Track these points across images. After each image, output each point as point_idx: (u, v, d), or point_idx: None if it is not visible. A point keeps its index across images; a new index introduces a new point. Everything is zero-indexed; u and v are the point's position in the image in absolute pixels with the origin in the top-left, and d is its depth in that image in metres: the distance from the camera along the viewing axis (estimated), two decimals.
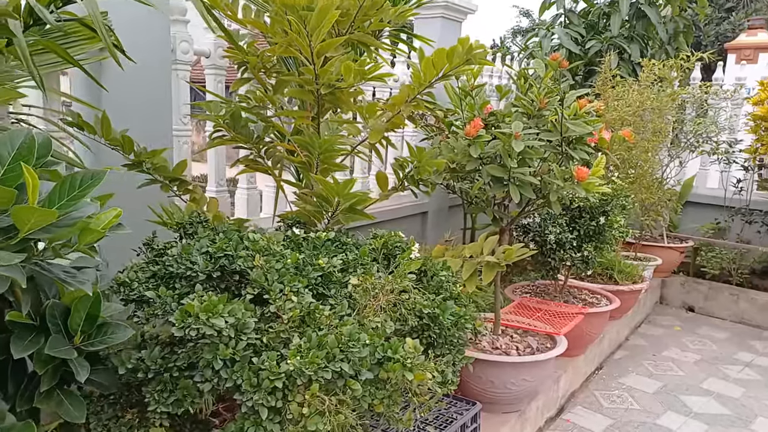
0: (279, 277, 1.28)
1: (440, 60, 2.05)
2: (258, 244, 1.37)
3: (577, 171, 2.21)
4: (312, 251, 1.49)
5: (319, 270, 1.36)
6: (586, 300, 3.62)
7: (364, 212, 1.90)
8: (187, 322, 1.12)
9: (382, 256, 1.68)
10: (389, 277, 1.41)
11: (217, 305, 1.14)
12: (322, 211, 1.89)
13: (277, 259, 1.34)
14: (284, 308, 1.23)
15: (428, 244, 4.76)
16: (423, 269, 1.69)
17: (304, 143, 1.92)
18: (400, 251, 1.66)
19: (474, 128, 2.21)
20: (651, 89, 4.35)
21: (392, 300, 1.39)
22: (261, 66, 2.47)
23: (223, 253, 1.35)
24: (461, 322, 1.54)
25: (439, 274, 1.66)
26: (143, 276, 1.40)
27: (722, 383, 3.77)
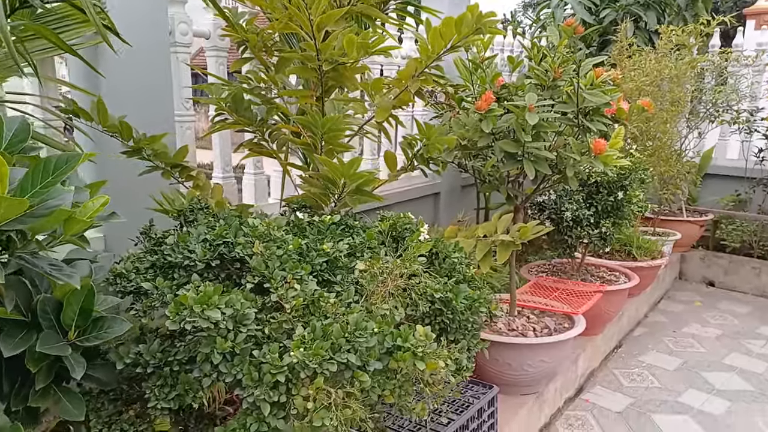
0: (281, 265, 1.21)
1: (448, 30, 1.94)
2: (257, 230, 1.29)
3: (595, 144, 2.10)
4: (317, 236, 1.41)
5: (324, 255, 1.29)
6: (604, 278, 3.53)
7: (372, 194, 1.82)
8: (182, 314, 1.05)
9: (390, 238, 1.60)
10: (398, 261, 1.33)
11: (213, 296, 1.07)
12: (328, 194, 1.81)
13: (279, 245, 1.26)
14: (287, 297, 1.16)
15: (441, 225, 4.69)
16: (434, 251, 1.61)
17: (307, 123, 1.84)
18: (409, 233, 1.57)
19: (485, 102, 2.11)
20: (669, 57, 4.18)
21: (402, 285, 1.31)
22: (261, 45, 2.37)
23: (222, 241, 1.28)
24: (475, 306, 1.46)
25: (452, 256, 1.58)
26: (141, 266, 1.33)
27: (745, 358, 3.67)
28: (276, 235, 1.28)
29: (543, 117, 2.12)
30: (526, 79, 2.33)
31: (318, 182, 1.83)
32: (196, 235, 1.31)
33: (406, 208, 4.35)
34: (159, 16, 2.49)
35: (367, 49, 1.83)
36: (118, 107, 2.11)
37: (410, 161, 2.28)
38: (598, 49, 5.45)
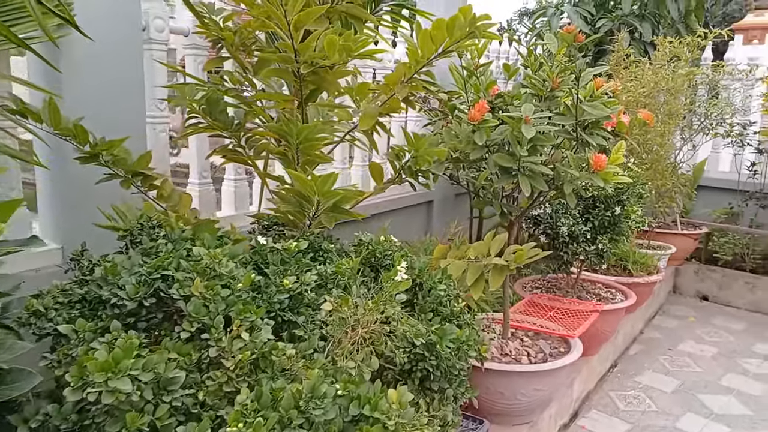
0: (226, 308, 1.02)
1: (439, 33, 1.79)
2: (200, 264, 1.10)
3: (595, 159, 1.95)
4: (279, 266, 1.24)
5: (286, 292, 1.11)
6: (600, 295, 3.38)
7: (350, 212, 1.65)
8: (88, 381, 0.85)
9: (368, 267, 1.43)
10: (370, 302, 1.15)
11: (124, 359, 0.87)
12: (303, 211, 1.64)
13: (225, 283, 1.08)
14: (231, 350, 0.97)
15: (434, 235, 4.54)
16: (418, 282, 1.44)
17: (280, 131, 1.67)
18: (390, 261, 1.41)
19: (479, 112, 1.95)
20: (665, 69, 4.08)
21: (376, 330, 1.14)
22: (239, 43, 2.21)
23: (160, 274, 1.09)
24: (463, 350, 1.30)
25: (437, 288, 1.41)
26: (67, 301, 1.14)
27: (741, 379, 3.55)
28: (222, 271, 1.09)
29: (540, 129, 1.97)
30: (522, 88, 2.18)
31: (292, 198, 1.66)
32: (129, 267, 1.12)
33: (397, 217, 4.19)
34: (130, 10, 2.32)
35: (349, 51, 1.67)
36: (80, 108, 1.94)
37: (398, 173, 2.12)
38: (593, 59, 5.35)
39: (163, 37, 2.69)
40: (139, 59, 2.42)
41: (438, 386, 1.26)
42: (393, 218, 4.15)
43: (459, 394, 1.34)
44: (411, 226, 4.40)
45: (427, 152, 1.97)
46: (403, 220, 4.34)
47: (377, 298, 1.16)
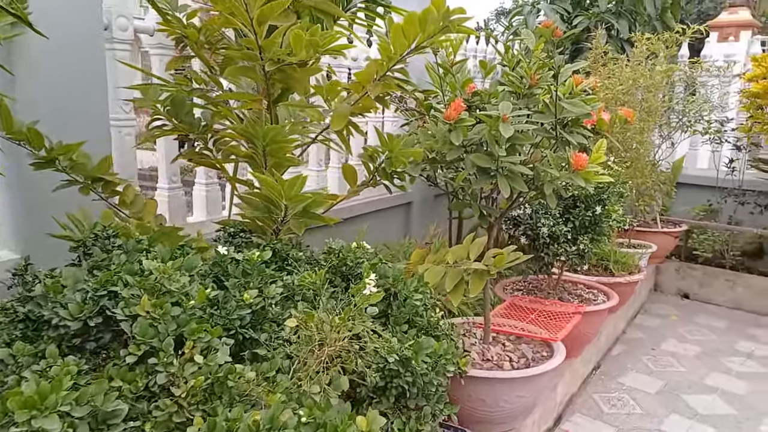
0: (177, 328, 0.93)
1: (412, 28, 1.71)
2: (148, 280, 1.00)
3: (575, 158, 1.88)
4: (241, 278, 1.14)
5: (246, 307, 1.02)
6: (582, 296, 3.33)
7: (322, 216, 1.56)
8: (12, 419, 0.75)
9: (339, 276, 1.33)
10: (337, 319, 1.06)
11: (52, 393, 0.77)
12: (271, 217, 1.55)
13: (177, 299, 0.98)
14: (182, 375, 0.88)
15: (413, 236, 4.46)
16: (392, 292, 1.35)
17: (245, 133, 1.57)
18: (363, 269, 1.31)
19: (455, 110, 1.87)
20: (643, 66, 4.05)
21: (345, 347, 1.05)
22: (204, 42, 2.10)
23: (106, 291, 0.99)
24: (441, 364, 1.21)
25: (413, 298, 1.32)
26: (8, 321, 1.03)
27: (725, 378, 3.52)
28: (172, 288, 0.99)
29: (518, 128, 1.90)
30: (499, 85, 2.11)
31: (259, 203, 1.56)
32: (72, 283, 1.02)
33: (375, 219, 4.10)
34: (91, 9, 2.21)
35: (316, 47, 1.58)
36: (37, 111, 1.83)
37: (372, 175, 2.03)
38: (570, 57, 5.32)
39: (127, 36, 2.58)
40: (101, 59, 2.32)
41: (415, 404, 1.17)
42: (371, 221, 4.06)
43: (438, 411, 1.25)
44: (390, 229, 4.32)
45: (401, 153, 1.88)
46: (382, 223, 4.26)
47: (344, 314, 1.07)
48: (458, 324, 2.80)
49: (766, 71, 4.33)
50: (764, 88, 4.28)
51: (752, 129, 4.70)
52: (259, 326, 1.05)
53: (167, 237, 1.76)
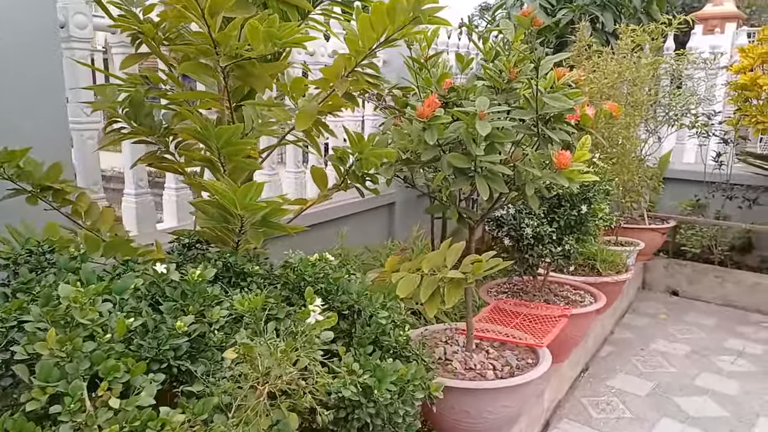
0: (90, 367, 0.80)
1: (380, 18, 1.58)
2: (57, 311, 0.86)
3: (558, 156, 1.77)
4: (180, 301, 1.01)
5: (183, 335, 0.89)
6: (568, 298, 3.22)
7: (284, 225, 1.43)
8: None
9: (297, 293, 1.21)
10: (279, 351, 0.93)
11: None
12: (229, 227, 1.41)
13: (91, 332, 0.85)
14: (92, 425, 0.75)
15: (397, 238, 4.34)
16: (357, 308, 1.23)
17: (197, 134, 1.44)
18: (324, 284, 1.19)
19: (429, 107, 1.75)
20: (629, 59, 3.95)
21: (294, 379, 0.92)
22: (161, 38, 1.96)
23: (17, 321, 0.86)
24: (408, 391, 1.09)
25: (378, 316, 1.20)
26: None
27: (716, 378, 3.44)
28: (82, 320, 0.86)
29: (497, 125, 1.78)
30: (477, 80, 1.99)
31: (215, 212, 1.43)
32: None
33: (356, 221, 3.98)
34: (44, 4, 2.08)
35: (274, 39, 1.45)
36: None
37: (342, 178, 1.90)
38: (555, 51, 5.21)
39: (86, 35, 2.45)
40: (57, 59, 2.19)
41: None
42: (352, 223, 3.93)
43: None
44: (372, 231, 4.19)
45: (372, 154, 1.76)
46: (364, 225, 4.14)
47: (287, 345, 0.93)
48: (440, 331, 2.68)
49: (753, 62, 4.25)
50: (751, 80, 4.20)
51: (740, 122, 4.62)
52: (199, 356, 0.92)
53: (119, 249, 1.63)
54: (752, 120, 4.27)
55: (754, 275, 4.76)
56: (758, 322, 4.36)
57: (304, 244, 3.67)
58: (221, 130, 1.40)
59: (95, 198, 2.53)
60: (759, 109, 4.22)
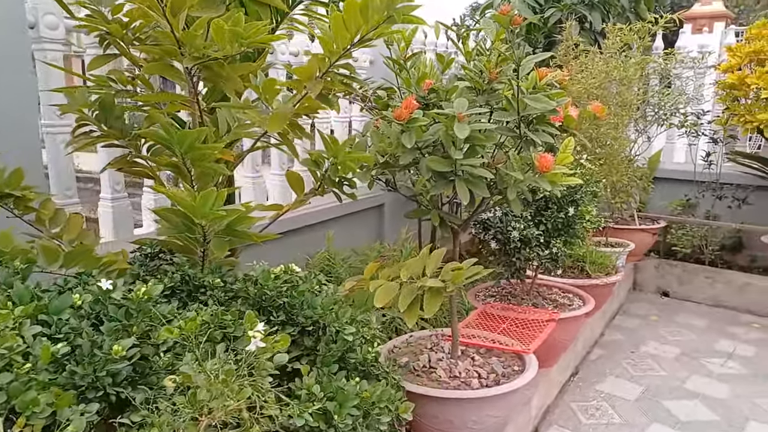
0: (7, 401, 0.73)
1: (353, 17, 1.51)
2: None
3: (540, 159, 1.71)
4: (124, 320, 0.94)
5: (124, 359, 0.82)
6: (557, 301, 3.17)
7: (251, 234, 1.36)
8: None
9: (258, 309, 1.14)
10: (218, 383, 0.85)
11: None
12: (194, 236, 1.34)
13: (9, 360, 0.78)
14: None
15: (386, 240, 4.28)
16: (321, 324, 1.16)
17: (158, 138, 1.37)
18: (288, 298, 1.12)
19: (406, 109, 1.69)
20: (617, 58, 3.90)
21: (242, 409, 0.85)
22: (131, 38, 1.89)
23: None
24: (374, 415, 1.02)
25: (345, 332, 1.13)
26: None
27: (706, 381, 3.39)
28: (1, 350, 0.78)
29: (478, 128, 1.72)
30: (458, 81, 1.93)
31: (179, 221, 1.36)
32: None
33: (345, 223, 3.91)
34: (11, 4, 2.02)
35: (240, 38, 1.38)
36: None
37: (319, 183, 1.84)
38: (544, 50, 5.16)
39: (57, 35, 2.38)
40: (25, 61, 2.12)
41: None
42: (340, 225, 3.87)
43: None
44: (360, 233, 4.13)
45: (348, 158, 1.69)
46: (352, 227, 4.07)
47: (227, 374, 0.86)
48: (426, 337, 2.62)
49: (740, 61, 4.22)
50: (739, 79, 4.17)
51: (729, 121, 4.59)
52: (143, 382, 0.85)
53: (80, 259, 1.56)
54: (741, 119, 4.24)
55: (744, 275, 4.73)
56: (748, 322, 4.33)
57: (290, 248, 3.62)
58: (183, 134, 1.33)
59: (69, 203, 2.47)
60: (747, 108, 4.19)
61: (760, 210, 4.98)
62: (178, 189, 1.28)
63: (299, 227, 3.61)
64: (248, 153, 1.98)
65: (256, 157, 3.45)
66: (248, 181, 3.48)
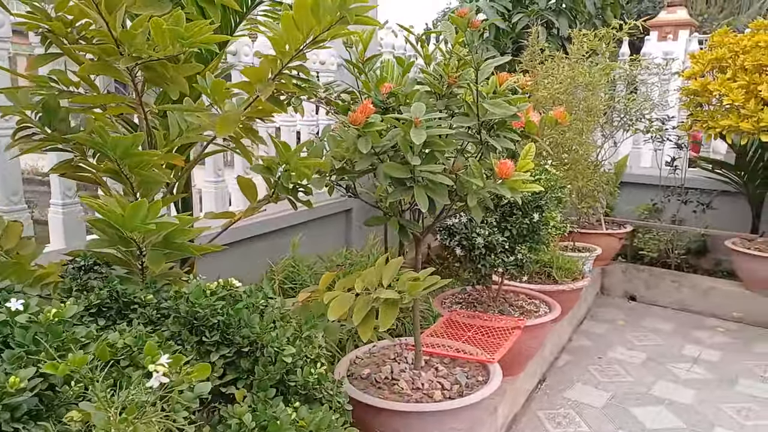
0: None
1: (304, 17, 1.45)
2: None
3: (500, 166, 1.67)
4: (32, 345, 0.85)
5: (15, 394, 0.74)
6: (523, 308, 3.14)
7: (191, 246, 1.28)
8: None
9: (188, 329, 1.06)
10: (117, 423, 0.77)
11: None
12: (129, 250, 1.26)
13: None
14: None
15: (353, 246, 4.22)
16: (259, 344, 1.09)
17: (91, 143, 1.28)
18: (223, 316, 1.04)
19: (362, 113, 1.63)
20: (582, 64, 3.91)
21: None
22: (75, 36, 1.79)
23: None
24: None
25: (284, 353, 1.06)
26: None
27: (672, 387, 3.40)
28: None
29: (435, 133, 1.66)
30: (417, 85, 1.88)
31: (113, 233, 1.27)
32: None
33: (312, 228, 3.83)
34: None
35: (181, 37, 1.30)
36: None
37: (273, 190, 1.76)
38: (513, 56, 5.17)
39: (4, 33, 2.27)
40: None
41: None
42: (307, 230, 3.78)
43: None
44: (327, 239, 4.05)
45: (302, 164, 1.62)
46: (319, 232, 4.00)
47: (128, 413, 0.77)
48: (389, 347, 2.56)
49: (703, 68, 4.28)
50: (702, 86, 4.23)
51: (692, 127, 4.65)
52: (50, 414, 0.77)
53: (11, 272, 1.45)
54: (704, 125, 4.29)
55: (708, 279, 4.79)
56: (713, 326, 4.38)
57: (255, 255, 3.51)
58: (116, 139, 1.24)
59: (16, 209, 2.35)
60: (710, 115, 4.25)
61: (723, 214, 5.07)
62: (114, 197, 1.19)
63: (264, 233, 3.52)
64: (197, 160, 1.89)
65: (218, 161, 3.35)
66: (210, 185, 3.37)
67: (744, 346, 3.99)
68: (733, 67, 4.08)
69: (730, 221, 5.03)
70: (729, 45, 4.18)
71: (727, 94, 3.96)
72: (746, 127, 3.88)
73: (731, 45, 4.17)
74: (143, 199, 1.10)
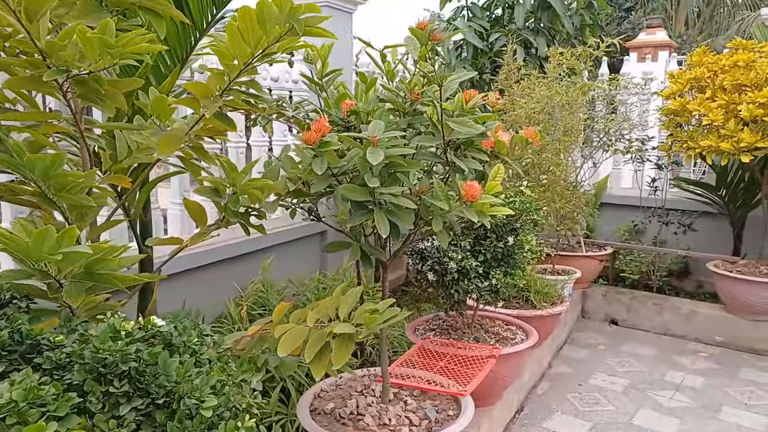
0: None
1: (250, 28, 1.34)
2: None
3: (466, 188, 1.56)
4: None
5: None
6: (499, 334, 3.02)
7: (118, 276, 1.14)
8: None
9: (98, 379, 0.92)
10: None
11: None
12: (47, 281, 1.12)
13: None
14: None
15: (328, 270, 4.09)
16: (175, 395, 0.95)
17: (10, 164, 1.15)
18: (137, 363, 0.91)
19: (317, 132, 1.52)
20: (559, 83, 3.85)
21: None
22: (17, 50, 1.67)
23: None
24: None
25: (204, 406, 0.92)
26: None
27: (655, 416, 3.28)
28: None
29: (398, 153, 1.56)
30: (379, 101, 1.77)
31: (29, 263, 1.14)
32: None
33: (285, 251, 3.70)
34: None
35: (109, 48, 1.18)
36: None
37: (223, 214, 1.63)
38: (491, 76, 5.13)
39: None
40: None
41: None
42: (279, 253, 3.65)
43: None
44: (301, 261, 3.92)
45: (251, 185, 1.50)
46: (292, 255, 3.86)
47: None
48: (357, 379, 2.42)
49: (682, 88, 4.25)
50: (681, 105, 4.19)
51: (672, 147, 4.61)
52: None
53: None
54: (683, 145, 4.24)
55: (690, 303, 4.72)
56: (695, 351, 4.29)
57: (224, 278, 3.35)
58: (32, 159, 1.12)
59: None
60: (690, 135, 4.21)
61: (704, 236, 5.02)
62: (20, 224, 1.06)
63: (234, 256, 3.38)
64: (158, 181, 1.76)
65: (184, 181, 3.22)
66: (176, 206, 3.23)
67: (727, 371, 3.90)
68: (712, 86, 4.05)
69: (712, 243, 4.98)
70: (708, 64, 4.16)
71: (707, 114, 3.93)
72: (726, 148, 3.83)
73: (710, 64, 4.15)
74: (50, 225, 0.97)
